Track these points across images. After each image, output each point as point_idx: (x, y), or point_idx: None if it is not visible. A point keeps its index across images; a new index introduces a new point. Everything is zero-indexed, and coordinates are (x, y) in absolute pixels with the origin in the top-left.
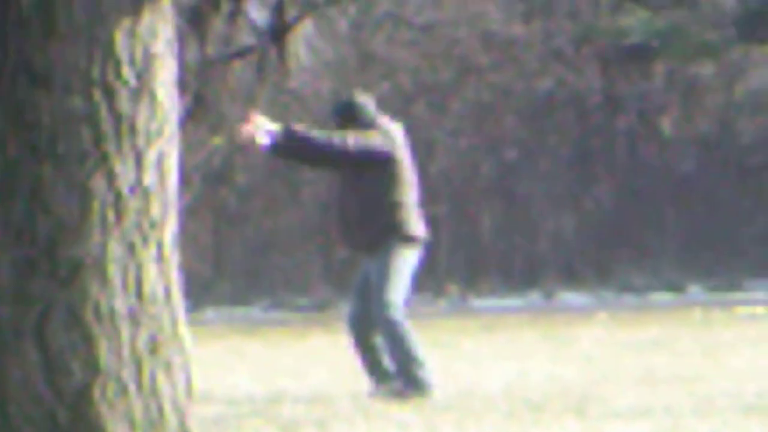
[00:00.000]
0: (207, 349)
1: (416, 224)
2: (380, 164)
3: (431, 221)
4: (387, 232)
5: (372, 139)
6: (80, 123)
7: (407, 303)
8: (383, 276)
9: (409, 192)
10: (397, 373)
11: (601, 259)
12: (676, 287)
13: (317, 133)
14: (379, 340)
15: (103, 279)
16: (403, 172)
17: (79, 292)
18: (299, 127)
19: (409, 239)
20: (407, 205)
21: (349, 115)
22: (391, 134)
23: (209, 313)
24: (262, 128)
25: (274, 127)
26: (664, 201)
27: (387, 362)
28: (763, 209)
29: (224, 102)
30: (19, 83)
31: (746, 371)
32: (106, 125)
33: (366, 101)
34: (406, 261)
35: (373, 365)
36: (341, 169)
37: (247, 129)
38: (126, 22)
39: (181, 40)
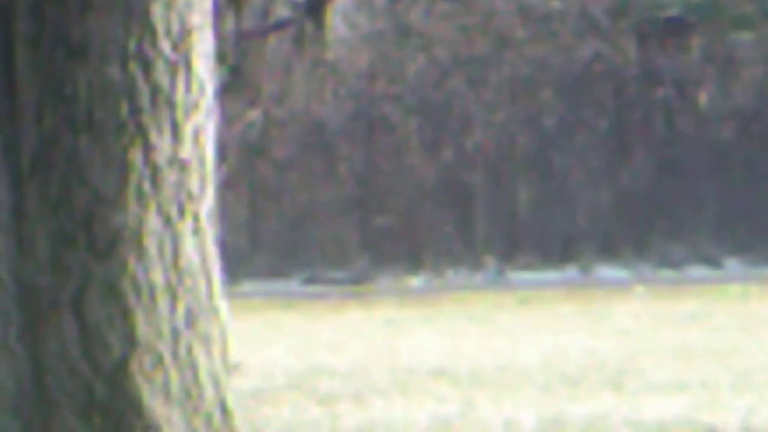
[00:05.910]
0: (244, 323)
1: None
2: None
3: (468, 195)
4: None
5: None
6: (117, 95)
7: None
8: None
9: None
10: None
11: (638, 232)
12: (713, 261)
13: None
14: None
15: (141, 252)
16: None
17: (116, 264)
18: None
19: None
20: None
21: None
22: None
23: (246, 286)
24: None
25: None
26: (701, 175)
27: None
28: None
29: (261, 75)
30: (56, 55)
31: None
32: (143, 97)
33: None
34: None
35: None
36: None
37: None
38: None
39: (218, 12)
